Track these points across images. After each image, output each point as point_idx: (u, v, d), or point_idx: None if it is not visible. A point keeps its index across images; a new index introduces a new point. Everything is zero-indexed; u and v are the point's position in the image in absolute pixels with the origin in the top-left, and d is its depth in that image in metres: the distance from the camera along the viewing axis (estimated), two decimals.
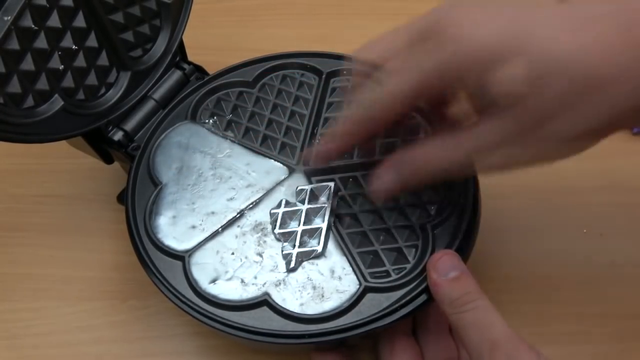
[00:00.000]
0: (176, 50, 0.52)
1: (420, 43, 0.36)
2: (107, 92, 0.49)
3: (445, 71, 0.36)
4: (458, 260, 0.41)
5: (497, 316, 0.38)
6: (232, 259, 0.43)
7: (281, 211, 0.45)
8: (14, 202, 0.58)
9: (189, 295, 0.42)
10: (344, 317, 0.41)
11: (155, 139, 0.49)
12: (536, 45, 0.33)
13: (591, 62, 0.32)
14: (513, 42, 0.33)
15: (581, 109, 0.33)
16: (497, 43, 0.34)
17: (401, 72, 0.37)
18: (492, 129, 0.36)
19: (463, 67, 0.35)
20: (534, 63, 0.33)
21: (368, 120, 0.40)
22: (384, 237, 0.44)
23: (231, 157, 0.48)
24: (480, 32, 0.34)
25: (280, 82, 0.51)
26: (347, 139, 0.42)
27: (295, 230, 0.44)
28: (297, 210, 0.45)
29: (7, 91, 0.42)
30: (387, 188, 0.41)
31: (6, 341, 0.51)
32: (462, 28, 0.34)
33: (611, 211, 0.55)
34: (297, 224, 0.44)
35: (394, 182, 0.41)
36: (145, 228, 0.45)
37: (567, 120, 0.34)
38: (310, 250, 0.43)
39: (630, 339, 0.49)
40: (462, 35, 0.34)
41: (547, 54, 0.33)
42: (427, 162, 0.40)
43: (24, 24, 0.42)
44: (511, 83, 0.33)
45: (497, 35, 0.34)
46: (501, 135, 0.36)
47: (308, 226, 0.44)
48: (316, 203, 0.45)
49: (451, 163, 0.38)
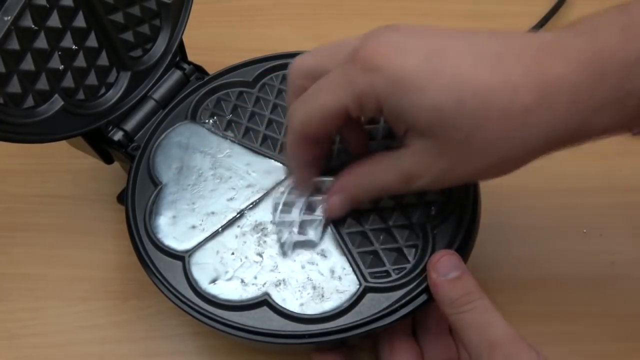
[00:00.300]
0: (176, 50, 0.52)
1: (351, 64, 0.37)
2: (107, 92, 0.49)
3: (364, 97, 0.36)
4: (458, 260, 0.41)
5: (497, 316, 0.38)
6: (232, 259, 0.43)
7: (283, 199, 0.45)
8: (14, 202, 0.58)
9: (189, 295, 0.42)
10: (344, 317, 0.41)
11: (155, 139, 0.49)
12: (454, 75, 0.34)
13: (505, 95, 0.34)
14: (432, 72, 0.35)
15: (495, 139, 0.35)
16: (416, 72, 0.35)
17: (330, 87, 0.38)
18: (416, 151, 0.37)
19: (383, 94, 0.36)
20: (452, 92, 0.34)
21: (305, 137, 0.41)
22: (384, 237, 0.44)
23: (231, 157, 0.48)
24: (400, 62, 0.35)
25: (281, 82, 0.51)
26: (298, 162, 0.43)
27: (294, 219, 0.44)
28: (299, 200, 0.45)
29: (7, 91, 0.42)
30: (339, 211, 0.43)
31: (6, 341, 0.51)
32: (384, 56, 0.35)
33: (611, 211, 0.55)
34: (298, 213, 0.44)
35: (342, 205, 0.43)
36: (145, 228, 0.45)
37: (481, 149, 0.35)
38: (306, 240, 0.43)
39: (630, 339, 0.49)
40: (383, 64, 0.35)
41: (465, 84, 0.34)
42: (369, 183, 0.41)
43: (24, 24, 0.42)
44: (432, 109, 0.35)
45: (417, 64, 0.35)
46: (427, 155, 0.37)
47: (308, 217, 0.44)
48: (319, 195, 0.45)
49: (390, 183, 0.40)
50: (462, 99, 0.34)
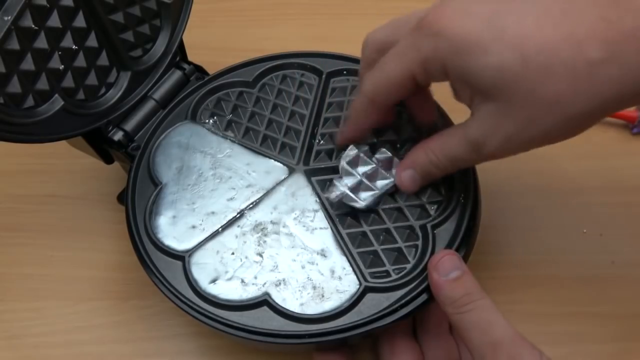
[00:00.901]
0: (176, 50, 0.52)
1: (416, 31, 0.38)
2: (107, 92, 0.49)
3: (429, 62, 0.37)
4: (459, 260, 0.41)
5: (498, 316, 0.38)
6: (232, 259, 0.43)
7: (359, 153, 0.45)
8: (14, 202, 0.58)
9: (189, 295, 0.42)
10: (344, 317, 0.41)
11: (155, 139, 0.49)
12: (516, 34, 0.34)
13: (570, 49, 0.33)
14: (495, 32, 0.35)
15: (561, 95, 0.34)
16: (478, 33, 0.35)
17: (397, 56, 0.39)
18: (482, 116, 0.37)
19: (447, 57, 0.36)
20: (515, 50, 0.34)
21: (372, 103, 0.42)
22: (384, 237, 0.44)
23: (231, 157, 0.48)
24: (463, 24, 0.35)
25: (281, 82, 0.51)
26: (360, 123, 0.45)
27: (356, 177, 0.45)
28: (369, 163, 0.45)
29: (8, 91, 0.42)
30: (412, 185, 0.44)
31: (6, 341, 0.51)
32: (448, 20, 0.36)
33: (611, 211, 0.55)
34: (360, 174, 0.45)
35: (415, 180, 0.44)
36: (145, 228, 0.45)
37: (546, 107, 0.35)
38: (353, 203, 0.44)
39: (630, 339, 0.49)
40: (447, 27, 0.36)
41: (528, 41, 0.34)
42: (440, 157, 0.41)
43: (24, 24, 0.42)
44: (495, 69, 0.35)
45: (479, 26, 0.35)
46: (493, 118, 0.37)
47: (367, 182, 0.45)
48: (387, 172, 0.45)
49: (460, 153, 0.40)
50: (526, 56, 0.34)
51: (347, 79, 0.51)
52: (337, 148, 0.47)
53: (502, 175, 0.55)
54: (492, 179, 0.47)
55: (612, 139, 0.58)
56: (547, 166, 0.57)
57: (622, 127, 0.59)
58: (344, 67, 0.51)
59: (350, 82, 0.51)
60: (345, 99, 0.50)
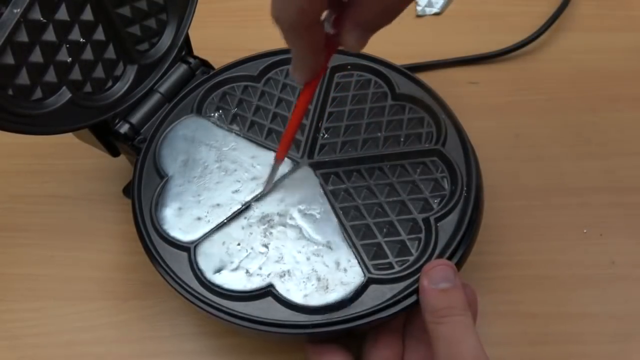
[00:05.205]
0: (182, 44, 0.52)
1: None
2: (114, 85, 0.49)
3: None
4: (453, 273, 0.41)
5: (471, 335, 0.38)
6: (238, 250, 0.44)
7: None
8: (14, 202, 0.58)
9: (194, 285, 0.43)
10: (347, 308, 0.41)
11: (161, 132, 0.50)
12: None
13: None
14: None
15: None
16: None
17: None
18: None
19: None
20: None
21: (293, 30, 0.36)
22: (387, 229, 0.44)
23: (236, 150, 0.48)
24: None
25: (285, 76, 0.52)
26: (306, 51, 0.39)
27: None
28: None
29: (16, 83, 0.42)
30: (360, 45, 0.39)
31: (6, 341, 0.51)
32: None
33: (611, 211, 0.55)
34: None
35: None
36: (152, 219, 0.45)
37: None
38: None
39: (630, 339, 0.49)
40: None
41: None
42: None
43: (33, 16, 0.42)
44: None
45: None
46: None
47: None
48: None
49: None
50: None
51: (351, 73, 0.51)
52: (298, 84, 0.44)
53: (502, 175, 0.56)
54: (492, 179, 0.47)
55: (612, 139, 0.59)
56: (547, 166, 0.57)
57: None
58: (348, 61, 0.52)
59: (355, 76, 0.51)
60: (350, 94, 0.50)
